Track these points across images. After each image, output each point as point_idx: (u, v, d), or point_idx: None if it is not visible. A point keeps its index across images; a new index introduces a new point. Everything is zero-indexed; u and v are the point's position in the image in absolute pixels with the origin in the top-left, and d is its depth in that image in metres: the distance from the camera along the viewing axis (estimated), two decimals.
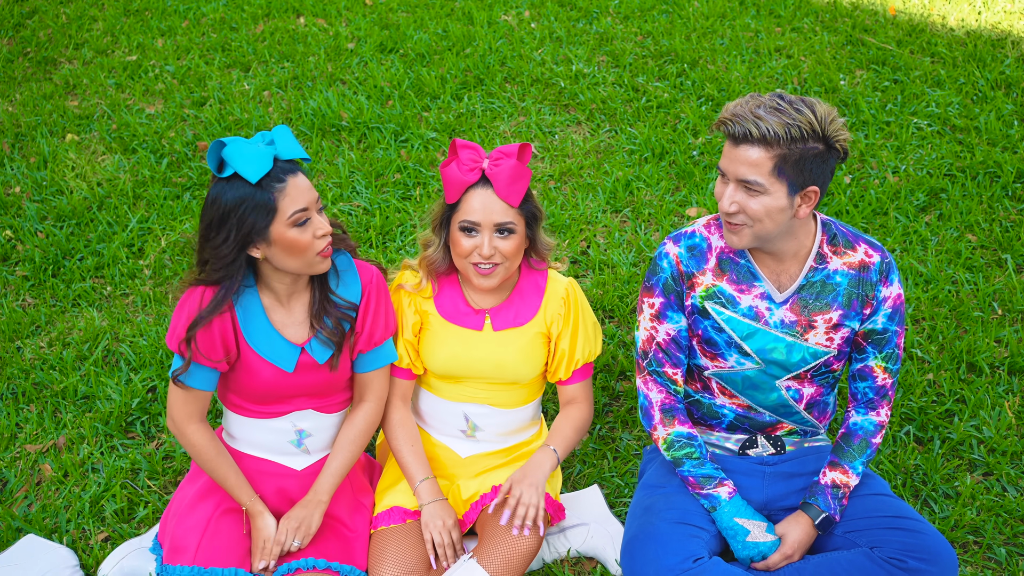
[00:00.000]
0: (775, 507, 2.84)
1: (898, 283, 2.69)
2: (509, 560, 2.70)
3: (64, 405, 3.59)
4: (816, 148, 2.46)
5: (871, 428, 2.76)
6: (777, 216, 2.52)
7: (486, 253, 2.73)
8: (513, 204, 2.72)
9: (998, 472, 3.22)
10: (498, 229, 2.74)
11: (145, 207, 4.68)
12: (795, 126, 2.41)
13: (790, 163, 2.45)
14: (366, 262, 2.81)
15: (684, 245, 2.74)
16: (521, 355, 2.90)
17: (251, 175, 2.48)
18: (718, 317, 2.70)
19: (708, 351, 2.76)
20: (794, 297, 2.67)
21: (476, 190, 2.73)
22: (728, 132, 2.49)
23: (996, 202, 4.47)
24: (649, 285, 2.78)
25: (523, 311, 2.91)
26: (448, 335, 2.90)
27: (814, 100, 2.47)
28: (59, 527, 3.12)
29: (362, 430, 2.86)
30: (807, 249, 2.66)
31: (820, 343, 2.69)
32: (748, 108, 2.45)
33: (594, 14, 6.38)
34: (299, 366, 2.72)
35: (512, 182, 2.70)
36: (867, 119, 5.09)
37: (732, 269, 2.70)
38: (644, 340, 2.82)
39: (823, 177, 2.51)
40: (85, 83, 5.86)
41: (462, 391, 2.96)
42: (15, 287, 4.22)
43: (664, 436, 2.80)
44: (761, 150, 2.45)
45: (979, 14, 6.23)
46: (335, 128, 5.20)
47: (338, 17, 6.50)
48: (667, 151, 4.91)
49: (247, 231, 2.52)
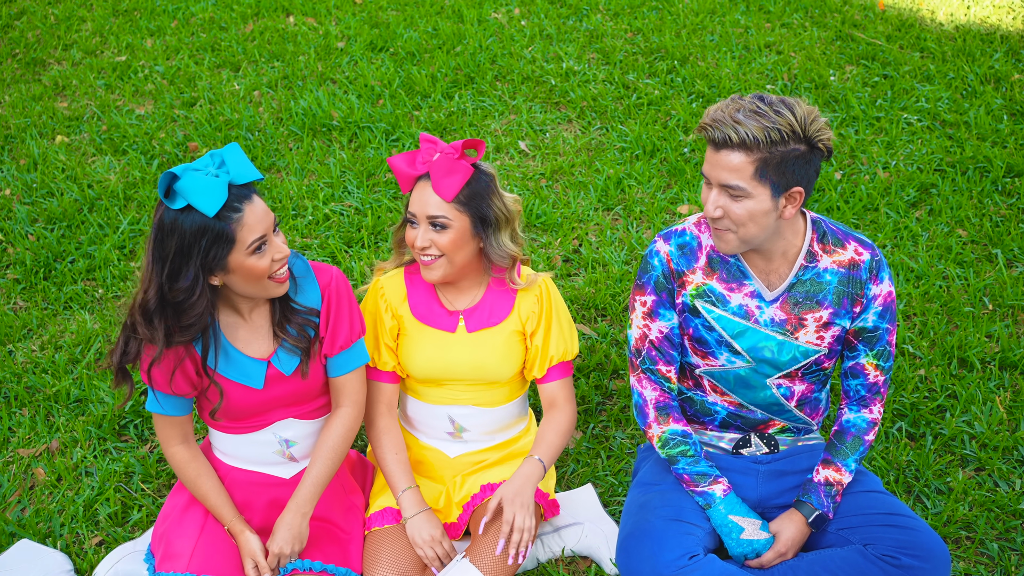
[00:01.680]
0: (769, 505, 2.85)
1: (888, 281, 2.68)
2: (502, 560, 2.70)
3: (57, 409, 3.59)
4: (798, 149, 2.45)
5: (863, 425, 2.76)
6: (762, 219, 2.52)
7: (419, 245, 2.77)
8: (446, 198, 2.72)
9: (990, 467, 3.23)
10: (431, 222, 2.75)
11: (136, 209, 4.66)
12: (775, 129, 2.40)
13: (772, 166, 2.44)
14: (323, 264, 2.78)
15: (675, 243, 2.74)
16: (497, 355, 2.91)
17: (208, 209, 2.40)
18: (708, 315, 2.71)
19: (699, 349, 2.77)
20: (784, 296, 2.67)
21: (420, 183, 2.78)
22: (708, 137, 2.48)
23: (986, 197, 4.49)
24: (641, 283, 2.78)
25: (496, 310, 2.92)
26: (423, 339, 2.91)
27: (795, 101, 2.46)
28: (53, 531, 3.11)
29: (341, 436, 2.80)
30: (797, 248, 2.66)
31: (810, 342, 2.69)
32: (728, 113, 2.44)
33: (584, 11, 6.38)
34: (268, 380, 2.69)
35: (444, 176, 2.72)
36: (857, 115, 5.10)
37: (722, 268, 2.70)
38: (637, 338, 2.82)
39: (807, 177, 2.51)
40: (74, 84, 5.84)
41: (445, 394, 2.96)
42: (6, 290, 4.21)
43: (659, 434, 2.80)
44: (742, 155, 2.44)
45: (968, 9, 6.25)
46: (326, 128, 5.20)
47: (328, 16, 6.49)
48: (658, 148, 4.91)
49: (209, 264, 2.45)
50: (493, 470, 2.97)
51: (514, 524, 2.72)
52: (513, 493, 2.77)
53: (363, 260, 4.22)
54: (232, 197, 2.45)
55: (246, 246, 2.47)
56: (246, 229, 2.46)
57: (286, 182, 4.76)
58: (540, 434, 2.94)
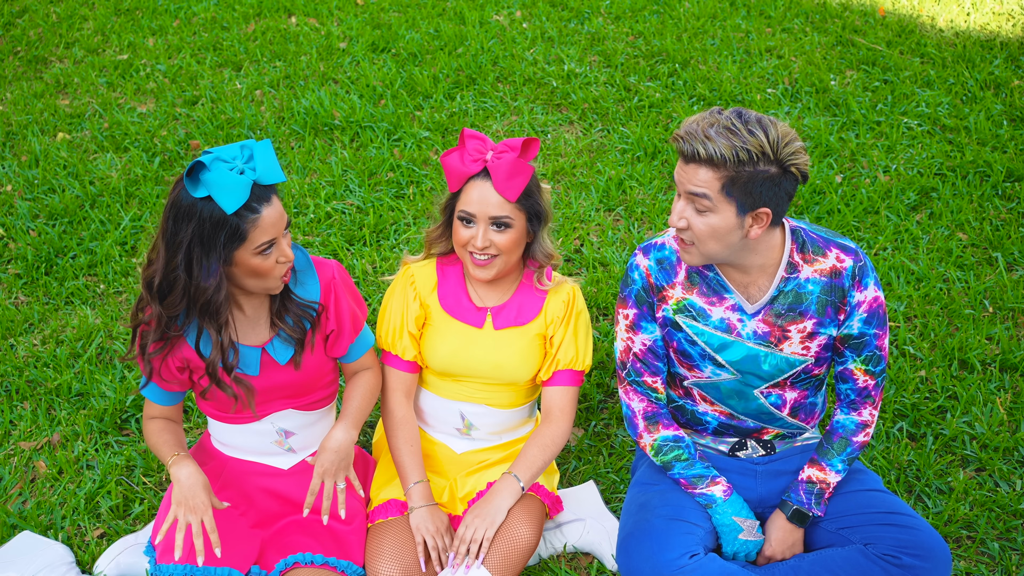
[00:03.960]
0: (768, 505, 2.85)
1: (875, 286, 2.63)
2: (508, 557, 2.71)
3: (58, 402, 3.58)
4: (768, 171, 2.41)
5: (852, 427, 2.75)
6: (725, 237, 2.48)
7: (479, 245, 2.73)
8: (510, 199, 2.71)
9: (990, 468, 3.24)
10: (494, 223, 2.73)
11: (138, 205, 4.67)
12: (743, 149, 2.36)
13: (738, 185, 2.41)
14: (323, 259, 2.78)
15: (653, 258, 2.72)
16: (520, 356, 2.90)
17: (228, 206, 2.40)
18: (690, 330, 2.69)
19: (684, 362, 2.76)
20: (766, 308, 2.63)
21: (476, 181, 2.73)
22: (679, 149, 2.46)
23: (986, 201, 4.51)
24: (623, 296, 2.78)
25: (525, 311, 2.91)
26: (448, 331, 2.91)
27: (771, 122, 2.41)
28: (54, 524, 3.11)
29: (370, 383, 2.85)
30: (775, 261, 2.61)
31: (796, 352, 2.66)
32: (701, 127, 2.41)
33: (585, 14, 6.40)
34: (263, 367, 2.70)
35: (510, 177, 2.69)
36: (858, 119, 5.12)
37: (701, 282, 2.67)
38: (622, 351, 2.82)
39: (776, 199, 2.46)
40: (76, 82, 5.85)
41: (460, 390, 2.96)
42: (8, 285, 4.20)
43: (651, 442, 2.80)
44: (709, 171, 2.41)
45: (968, 15, 6.27)
46: (328, 127, 5.20)
47: (329, 17, 6.50)
48: (659, 150, 4.92)
49: (218, 253, 2.46)
50: (496, 468, 2.97)
51: (463, 536, 2.73)
52: (479, 509, 2.78)
53: (365, 258, 4.22)
54: (253, 196, 2.44)
55: (254, 246, 2.47)
56: (259, 231, 2.46)
57: (288, 180, 4.76)
58: (524, 449, 2.89)
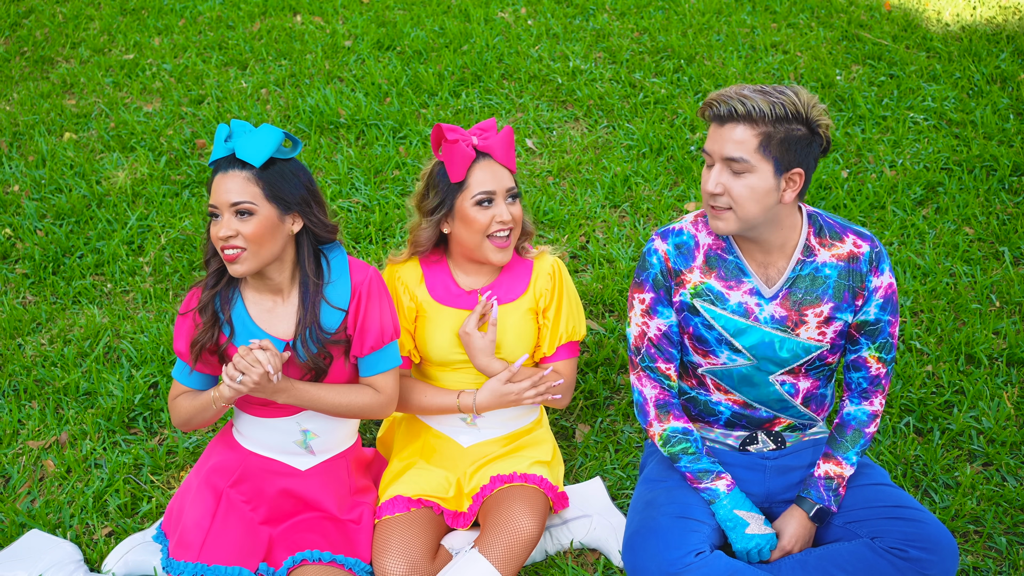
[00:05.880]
0: (776, 500, 2.85)
1: (889, 272, 2.67)
2: (510, 549, 2.71)
3: (66, 401, 3.60)
4: (800, 129, 2.48)
5: (864, 418, 2.76)
6: (762, 198, 2.51)
7: (506, 218, 2.82)
8: (512, 169, 2.86)
9: (998, 462, 3.23)
10: (510, 194, 2.85)
11: (144, 205, 4.68)
12: (779, 104, 2.44)
13: (775, 141, 2.46)
14: (361, 263, 2.79)
15: (672, 242, 2.74)
16: (514, 332, 2.94)
17: (211, 157, 2.62)
18: (707, 314, 2.70)
19: (700, 348, 2.76)
20: (784, 292, 2.66)
21: (478, 164, 2.82)
22: (714, 113, 2.50)
23: (993, 195, 4.49)
24: (639, 281, 2.78)
25: (514, 287, 2.97)
26: (442, 320, 2.94)
27: (797, 87, 2.50)
28: (63, 522, 3.13)
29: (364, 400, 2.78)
30: (794, 242, 2.65)
31: (812, 338, 2.68)
32: (733, 90, 2.49)
33: (590, 11, 6.39)
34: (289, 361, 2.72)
35: (508, 148, 2.84)
36: (864, 114, 5.11)
37: (720, 265, 2.69)
38: (636, 336, 2.82)
39: (807, 162, 2.52)
40: (82, 82, 5.86)
41: (462, 379, 2.98)
42: (15, 285, 4.22)
43: (660, 432, 2.81)
44: (746, 128, 2.47)
45: (974, 9, 6.25)
46: (333, 125, 5.21)
47: (335, 15, 6.50)
48: (665, 146, 4.92)
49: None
50: (502, 461, 2.98)
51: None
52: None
53: (371, 256, 4.23)
54: (223, 160, 2.61)
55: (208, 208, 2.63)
56: (212, 194, 2.60)
57: None
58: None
